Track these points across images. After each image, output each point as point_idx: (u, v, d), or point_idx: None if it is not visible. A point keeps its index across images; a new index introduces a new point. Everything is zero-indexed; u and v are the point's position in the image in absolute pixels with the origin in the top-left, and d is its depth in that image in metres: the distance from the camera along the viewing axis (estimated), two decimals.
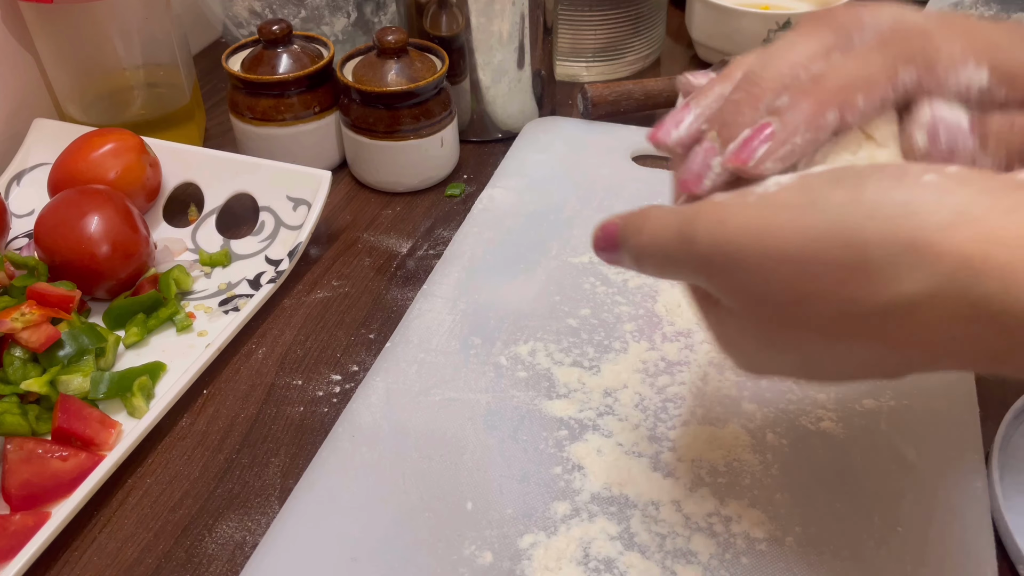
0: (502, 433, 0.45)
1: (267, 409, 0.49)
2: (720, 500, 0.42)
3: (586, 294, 0.54)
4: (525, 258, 0.57)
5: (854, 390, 0.47)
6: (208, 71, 0.83)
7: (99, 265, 0.53)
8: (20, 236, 0.61)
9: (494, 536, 0.40)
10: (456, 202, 0.66)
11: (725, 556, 0.39)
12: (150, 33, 0.66)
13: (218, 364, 0.52)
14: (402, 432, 0.45)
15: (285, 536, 0.41)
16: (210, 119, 0.76)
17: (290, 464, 0.46)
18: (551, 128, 0.70)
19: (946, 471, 0.42)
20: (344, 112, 0.65)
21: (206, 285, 0.58)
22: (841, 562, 0.39)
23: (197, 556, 0.42)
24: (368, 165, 0.66)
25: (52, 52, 0.65)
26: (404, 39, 0.63)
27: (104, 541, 0.42)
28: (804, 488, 0.42)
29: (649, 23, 0.80)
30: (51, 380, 0.47)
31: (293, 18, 0.75)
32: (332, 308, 0.56)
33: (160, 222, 0.62)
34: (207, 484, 0.45)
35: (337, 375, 0.51)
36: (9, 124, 0.67)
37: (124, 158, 0.59)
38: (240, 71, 0.64)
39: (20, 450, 0.43)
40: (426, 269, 0.59)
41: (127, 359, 0.52)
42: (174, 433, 0.48)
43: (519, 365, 0.49)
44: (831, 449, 0.44)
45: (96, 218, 0.54)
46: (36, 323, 0.48)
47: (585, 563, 0.39)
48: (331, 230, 0.63)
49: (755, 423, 0.45)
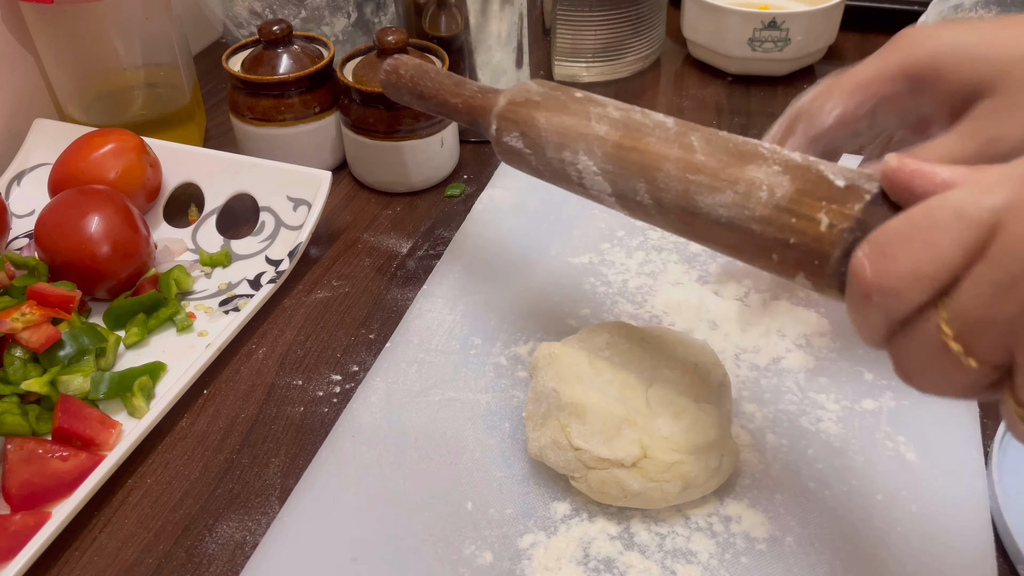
0: (502, 433, 0.45)
1: (267, 409, 0.49)
2: (720, 500, 0.42)
3: (586, 294, 0.54)
4: (525, 258, 0.57)
5: (854, 390, 0.47)
6: (208, 71, 0.83)
7: (99, 265, 0.53)
8: (20, 236, 0.61)
9: (494, 536, 0.40)
10: (456, 202, 0.66)
11: (725, 556, 0.39)
12: (150, 33, 0.66)
13: (218, 364, 0.52)
14: (402, 432, 0.45)
15: (285, 536, 0.41)
16: (210, 119, 0.76)
17: (290, 464, 0.46)
18: None
19: (946, 471, 0.42)
20: (344, 112, 0.65)
21: (206, 285, 0.58)
22: (841, 562, 0.39)
23: (197, 556, 0.42)
24: (368, 165, 0.66)
25: (52, 52, 0.65)
26: (404, 39, 0.63)
27: (104, 541, 0.42)
28: (804, 488, 0.42)
29: (649, 23, 0.80)
30: (51, 380, 0.47)
31: (293, 18, 0.75)
32: (332, 308, 0.56)
33: (160, 222, 0.62)
34: (207, 484, 0.45)
35: (337, 375, 0.51)
36: (9, 124, 0.67)
37: (124, 158, 0.59)
38: (240, 71, 0.65)
39: (20, 450, 0.43)
40: (426, 269, 0.59)
41: (127, 359, 0.52)
42: (174, 433, 0.48)
43: (519, 365, 0.49)
44: (831, 449, 0.44)
45: (96, 218, 0.54)
46: (36, 323, 0.48)
47: (585, 563, 0.39)
48: (331, 230, 0.63)
49: (755, 423, 0.45)
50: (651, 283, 0.55)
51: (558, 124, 0.41)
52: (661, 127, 0.38)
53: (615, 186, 0.39)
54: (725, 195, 0.34)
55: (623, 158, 0.38)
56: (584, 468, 0.40)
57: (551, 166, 0.42)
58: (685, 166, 0.36)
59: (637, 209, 0.39)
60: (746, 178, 0.34)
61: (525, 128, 0.43)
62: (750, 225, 0.33)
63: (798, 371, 0.48)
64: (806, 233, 0.31)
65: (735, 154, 0.35)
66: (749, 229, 0.34)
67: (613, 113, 0.40)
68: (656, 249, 0.58)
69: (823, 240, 0.31)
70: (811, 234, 0.31)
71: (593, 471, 0.39)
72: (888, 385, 0.47)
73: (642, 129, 0.38)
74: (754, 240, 0.34)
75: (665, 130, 0.38)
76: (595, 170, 0.40)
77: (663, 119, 0.39)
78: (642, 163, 0.37)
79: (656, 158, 0.37)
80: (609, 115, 0.40)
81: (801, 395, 0.47)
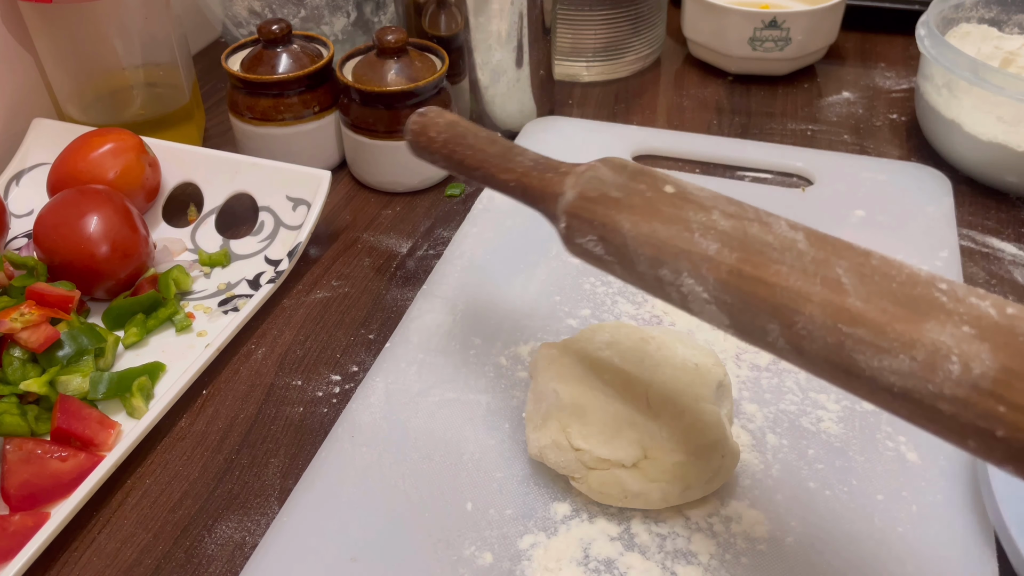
0: (502, 433, 0.45)
1: (267, 409, 0.49)
2: (720, 500, 0.42)
3: (586, 294, 0.54)
4: (525, 258, 0.57)
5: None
6: (208, 71, 0.83)
7: (98, 265, 0.53)
8: (19, 236, 0.61)
9: (494, 536, 0.40)
10: (456, 202, 0.66)
11: (725, 556, 0.39)
12: (150, 33, 0.66)
13: (217, 364, 0.52)
14: (402, 432, 0.45)
15: (285, 536, 0.41)
16: (210, 119, 0.76)
17: (290, 464, 0.46)
18: (551, 128, 0.70)
19: (946, 471, 0.42)
20: (344, 112, 0.65)
21: (205, 285, 0.58)
22: (841, 562, 0.39)
23: (196, 556, 0.42)
24: (368, 165, 0.66)
25: (52, 52, 0.65)
26: (404, 39, 0.63)
27: (103, 541, 0.42)
28: (804, 488, 0.42)
29: (649, 23, 0.80)
30: (50, 380, 0.47)
31: (293, 18, 0.75)
32: (332, 308, 0.56)
33: (159, 222, 0.62)
34: (206, 484, 0.45)
35: (337, 375, 0.51)
36: (9, 124, 0.67)
37: (123, 158, 0.59)
38: (240, 71, 0.64)
39: (19, 450, 0.43)
40: (426, 269, 0.59)
41: (126, 359, 0.52)
42: (173, 433, 0.48)
43: (519, 365, 0.49)
44: (831, 449, 0.44)
45: (95, 218, 0.54)
46: (35, 323, 0.48)
47: (585, 563, 0.39)
48: (331, 230, 0.63)
49: (755, 423, 0.45)
50: None
51: (649, 234, 0.33)
52: (791, 249, 0.30)
53: (735, 320, 0.31)
54: (898, 360, 0.26)
55: (744, 290, 0.30)
56: (584, 468, 0.40)
57: (645, 281, 0.34)
58: (835, 312, 0.28)
59: (768, 349, 0.31)
60: (926, 341, 0.26)
61: (605, 232, 0.34)
62: (936, 404, 0.26)
63: (798, 371, 0.48)
64: (1018, 427, 0.24)
65: (904, 301, 0.27)
66: (935, 408, 0.26)
67: (722, 223, 0.31)
68: None
69: None
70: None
71: (593, 471, 0.39)
72: None
73: (766, 251, 0.30)
74: (943, 421, 0.26)
75: (798, 255, 0.30)
76: (706, 298, 0.32)
77: (791, 234, 0.30)
78: (772, 301, 0.29)
79: (792, 296, 0.29)
80: (717, 225, 0.31)
81: (802, 395, 0.47)
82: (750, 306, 0.30)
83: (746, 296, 0.30)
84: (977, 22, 0.71)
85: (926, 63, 0.66)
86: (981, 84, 0.59)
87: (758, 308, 0.30)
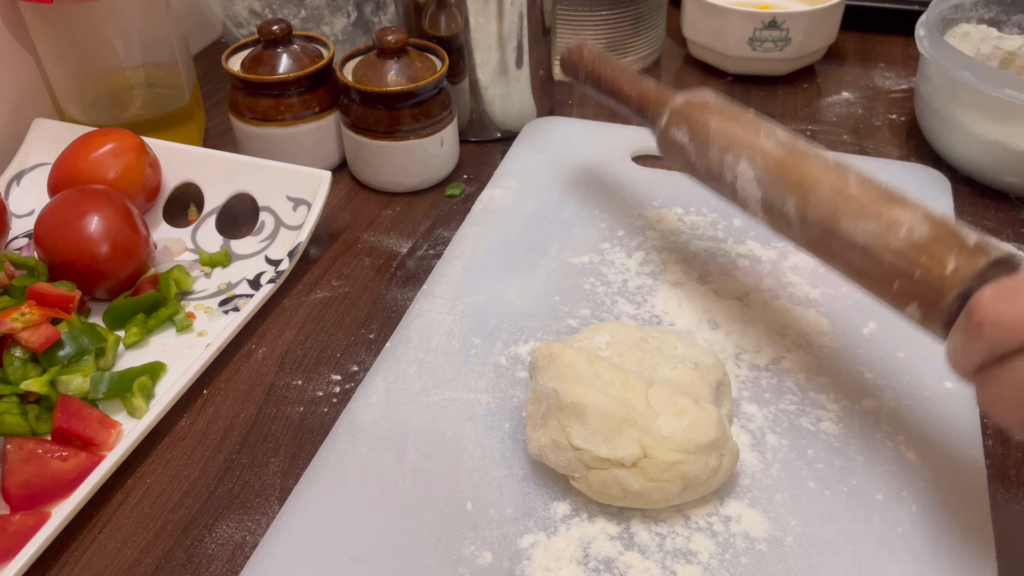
0: (502, 433, 0.45)
1: (267, 409, 0.49)
2: (720, 500, 0.42)
3: (586, 294, 0.54)
4: (525, 258, 0.57)
5: (854, 390, 0.47)
6: (208, 71, 0.83)
7: (99, 265, 0.53)
8: (20, 236, 0.61)
9: (494, 536, 0.40)
10: (456, 202, 0.66)
11: (725, 556, 0.39)
12: (150, 33, 0.66)
13: (218, 364, 0.52)
14: (402, 432, 0.45)
15: (285, 536, 0.41)
16: (210, 119, 0.76)
17: (290, 464, 0.46)
18: (551, 128, 0.70)
19: (946, 471, 0.42)
20: (344, 112, 0.65)
21: (206, 285, 0.58)
22: (841, 562, 0.39)
23: (197, 556, 0.42)
24: (368, 165, 0.66)
25: (52, 52, 0.65)
26: (404, 39, 0.63)
27: (104, 541, 0.42)
28: (804, 488, 0.42)
29: (649, 23, 0.80)
30: (51, 380, 0.47)
31: (293, 18, 0.75)
32: (332, 308, 0.56)
33: (160, 222, 0.62)
34: (207, 484, 0.45)
35: (337, 375, 0.51)
36: (9, 124, 0.67)
37: (124, 158, 0.59)
38: (240, 71, 0.64)
39: (20, 450, 0.43)
40: (426, 269, 0.59)
41: (127, 359, 0.52)
42: (174, 433, 0.48)
43: (519, 365, 0.49)
44: (831, 449, 0.44)
45: (96, 218, 0.54)
46: (36, 323, 0.48)
47: (585, 563, 0.39)
48: (331, 230, 0.63)
49: (755, 423, 0.45)
50: (651, 283, 0.55)
51: (728, 131, 0.46)
52: (823, 159, 0.43)
53: (766, 194, 0.44)
54: (868, 223, 0.39)
55: (781, 173, 0.43)
56: (584, 468, 0.40)
57: (709, 164, 0.47)
58: (838, 192, 0.41)
59: (779, 219, 0.43)
60: (891, 215, 0.38)
61: (695, 126, 0.48)
62: (883, 254, 0.38)
63: (798, 371, 0.48)
64: (931, 271, 0.36)
65: (886, 196, 0.39)
66: (881, 257, 0.38)
67: (781, 135, 0.45)
68: (656, 249, 0.57)
69: (945, 281, 0.36)
70: (936, 273, 0.36)
71: (593, 471, 0.39)
72: (888, 385, 0.47)
73: (806, 155, 0.43)
74: (882, 267, 0.38)
75: (825, 161, 0.42)
76: (751, 176, 0.44)
77: (826, 153, 0.43)
78: (799, 181, 0.42)
79: (813, 180, 0.42)
80: (777, 136, 0.45)
81: (801, 395, 0.47)
82: (780, 182, 0.43)
83: (780, 176, 0.43)
84: (976, 22, 0.71)
85: (925, 63, 0.66)
86: (980, 84, 0.59)
87: (785, 185, 0.43)
